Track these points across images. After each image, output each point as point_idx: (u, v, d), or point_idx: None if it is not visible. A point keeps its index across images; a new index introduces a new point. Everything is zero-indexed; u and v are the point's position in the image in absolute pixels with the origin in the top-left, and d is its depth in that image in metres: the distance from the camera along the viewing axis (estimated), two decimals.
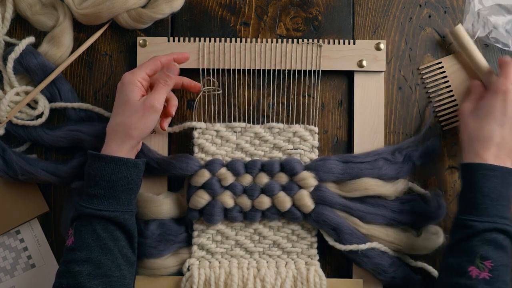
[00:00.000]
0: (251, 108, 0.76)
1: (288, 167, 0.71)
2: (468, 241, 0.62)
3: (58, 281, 0.61)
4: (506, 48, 0.76)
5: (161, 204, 0.72)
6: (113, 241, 0.63)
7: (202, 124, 0.74)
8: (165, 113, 0.70)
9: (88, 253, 0.61)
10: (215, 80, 0.74)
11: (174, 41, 0.74)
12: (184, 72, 0.75)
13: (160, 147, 0.74)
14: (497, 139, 0.64)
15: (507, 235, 0.61)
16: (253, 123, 0.75)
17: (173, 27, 0.77)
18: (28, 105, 0.73)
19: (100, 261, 0.61)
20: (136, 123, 0.64)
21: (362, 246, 0.70)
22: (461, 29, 0.74)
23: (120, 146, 0.64)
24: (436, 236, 0.73)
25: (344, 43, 0.75)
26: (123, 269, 0.63)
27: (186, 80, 0.72)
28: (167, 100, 0.70)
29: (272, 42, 0.74)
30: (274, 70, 0.75)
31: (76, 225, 0.63)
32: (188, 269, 0.73)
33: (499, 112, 0.65)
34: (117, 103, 0.66)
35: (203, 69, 0.74)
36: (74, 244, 0.62)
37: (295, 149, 0.73)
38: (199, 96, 0.73)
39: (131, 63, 0.76)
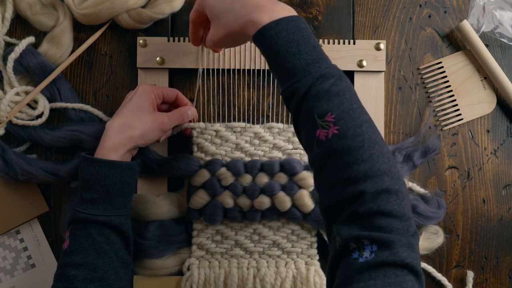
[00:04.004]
0: (251, 108, 0.76)
1: (288, 167, 0.71)
2: (302, 107, 0.53)
3: (55, 284, 0.61)
4: (511, 43, 0.76)
5: (162, 205, 0.72)
6: (109, 244, 0.62)
7: (201, 124, 0.74)
8: None
9: (83, 257, 0.61)
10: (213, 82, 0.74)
11: (174, 41, 0.74)
12: (184, 72, 0.75)
13: (159, 147, 0.74)
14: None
15: (332, 77, 0.52)
16: (253, 123, 0.75)
17: (173, 27, 0.77)
18: (28, 105, 0.73)
19: (96, 265, 0.61)
20: (142, 130, 0.65)
21: None
22: (466, 25, 0.74)
23: (118, 146, 0.64)
24: (436, 236, 0.73)
25: (344, 43, 0.75)
26: (119, 271, 0.63)
27: (180, 98, 0.73)
28: None
29: None
30: None
31: (71, 228, 0.63)
32: (188, 269, 0.73)
33: None
34: (127, 107, 0.66)
35: (203, 69, 0.74)
36: (70, 247, 0.62)
37: (294, 149, 0.73)
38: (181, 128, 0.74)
39: (131, 63, 0.76)
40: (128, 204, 0.66)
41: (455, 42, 0.77)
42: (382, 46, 0.74)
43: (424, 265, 0.74)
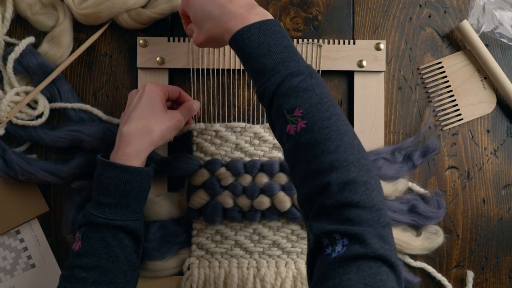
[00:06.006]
0: (251, 108, 0.76)
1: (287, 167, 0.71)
2: (273, 105, 0.54)
3: (63, 285, 0.61)
4: (511, 43, 0.76)
5: (162, 205, 0.72)
6: (121, 248, 0.62)
7: (201, 125, 0.74)
8: None
9: (95, 260, 0.61)
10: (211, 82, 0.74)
11: (174, 41, 0.74)
12: (184, 72, 0.75)
13: (159, 147, 0.74)
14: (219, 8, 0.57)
15: (301, 74, 0.53)
16: (253, 123, 0.75)
17: (173, 27, 0.77)
18: (28, 105, 0.73)
19: (107, 268, 0.61)
20: (161, 131, 0.65)
21: None
22: (466, 25, 0.74)
23: (139, 152, 0.63)
24: (436, 236, 0.73)
25: (344, 43, 0.75)
26: (127, 275, 0.63)
27: (183, 94, 0.73)
28: None
29: None
30: None
31: (84, 230, 0.63)
32: (188, 268, 0.73)
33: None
34: (139, 109, 0.65)
35: (203, 69, 0.74)
36: (81, 249, 0.61)
37: None
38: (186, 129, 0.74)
39: (131, 63, 0.76)
40: (143, 208, 0.66)
41: (455, 42, 0.77)
42: (382, 46, 0.74)
43: (424, 265, 0.74)
